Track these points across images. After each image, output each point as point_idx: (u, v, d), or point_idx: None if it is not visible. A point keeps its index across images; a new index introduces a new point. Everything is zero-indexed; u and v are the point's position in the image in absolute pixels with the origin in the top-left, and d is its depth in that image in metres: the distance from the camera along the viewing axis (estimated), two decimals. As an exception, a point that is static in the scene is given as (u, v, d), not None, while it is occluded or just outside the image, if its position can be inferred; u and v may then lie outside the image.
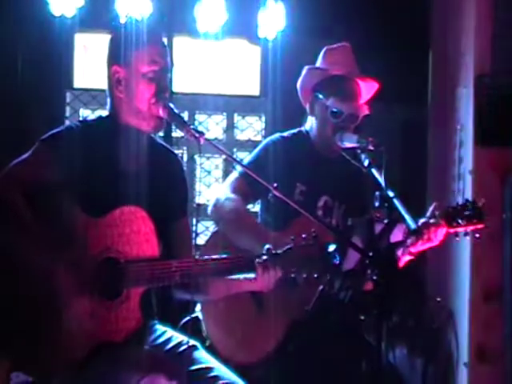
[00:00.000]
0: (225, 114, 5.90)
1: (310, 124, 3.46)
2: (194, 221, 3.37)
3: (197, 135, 2.69)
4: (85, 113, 5.54)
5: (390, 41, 5.26)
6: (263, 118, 5.87)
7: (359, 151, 3.08)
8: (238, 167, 3.38)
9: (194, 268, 2.65)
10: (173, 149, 3.11)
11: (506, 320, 4.21)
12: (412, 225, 2.84)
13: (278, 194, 2.70)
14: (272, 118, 5.68)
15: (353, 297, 3.14)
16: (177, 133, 5.18)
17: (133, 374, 2.54)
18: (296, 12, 5.21)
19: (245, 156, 5.22)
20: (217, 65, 5.70)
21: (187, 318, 3.14)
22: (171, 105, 2.80)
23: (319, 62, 3.47)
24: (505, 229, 4.24)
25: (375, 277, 2.50)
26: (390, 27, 5.25)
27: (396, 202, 2.78)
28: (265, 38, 5.31)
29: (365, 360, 3.09)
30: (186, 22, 5.23)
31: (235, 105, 5.88)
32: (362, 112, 3.36)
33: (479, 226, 3.21)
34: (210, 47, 5.59)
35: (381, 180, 2.82)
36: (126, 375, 2.55)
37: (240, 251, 2.98)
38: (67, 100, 5.61)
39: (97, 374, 2.58)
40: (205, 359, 2.74)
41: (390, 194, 2.75)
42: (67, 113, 5.59)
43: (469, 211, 3.21)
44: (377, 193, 2.69)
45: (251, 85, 5.80)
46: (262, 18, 5.25)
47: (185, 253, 2.80)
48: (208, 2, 5.17)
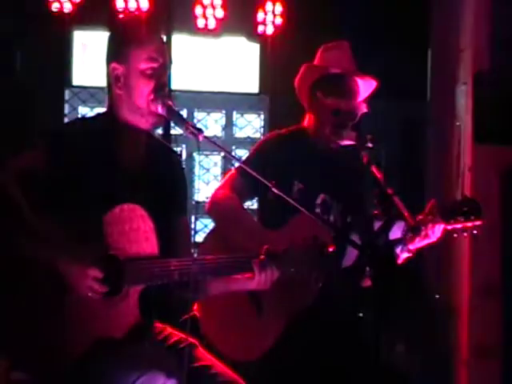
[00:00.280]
0: (224, 112, 5.91)
1: (308, 121, 3.46)
2: (193, 218, 3.38)
3: (196, 132, 2.69)
4: (83, 110, 5.55)
5: (389, 38, 5.27)
6: (262, 116, 5.88)
7: (358, 148, 3.09)
8: (236, 165, 3.38)
9: (193, 267, 2.65)
10: (172, 146, 3.11)
11: (505, 316, 4.21)
12: (411, 222, 2.85)
13: (277, 192, 2.70)
14: (271, 116, 5.69)
15: (351, 294, 3.14)
16: (176, 130, 5.19)
17: (132, 371, 2.54)
18: (294, 9, 5.22)
19: (244, 154, 5.24)
20: (216, 62, 5.71)
21: (185, 317, 3.14)
22: (170, 102, 2.80)
23: (317, 60, 3.47)
24: (503, 225, 4.25)
25: (374, 274, 2.51)
26: (390, 24, 5.26)
27: (395, 199, 2.79)
28: (264, 36, 5.31)
29: (363, 357, 3.09)
30: (185, 20, 5.23)
31: (234, 102, 5.89)
32: (361, 110, 3.36)
33: (477, 223, 3.21)
34: (209, 44, 5.59)
35: (379, 177, 2.83)
36: (125, 372, 2.55)
37: (238, 250, 2.98)
38: (66, 97, 5.61)
39: (96, 371, 2.58)
40: (204, 357, 2.74)
41: (389, 192, 2.76)
42: (66, 110, 5.60)
43: (466, 208, 3.20)
44: (375, 190, 2.70)
45: (250, 82, 5.80)
46: (261, 16, 5.26)
47: (184, 250, 2.80)
48: (207, 0, 5.18)
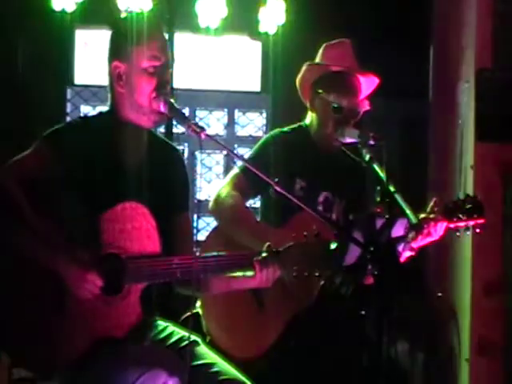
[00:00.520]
0: (226, 110, 5.90)
1: (310, 119, 3.46)
2: (195, 217, 3.38)
3: (198, 131, 2.69)
4: (85, 109, 5.55)
5: (391, 36, 5.27)
6: (264, 114, 5.87)
7: (360, 146, 3.08)
8: (239, 163, 3.38)
9: (195, 265, 2.65)
10: (174, 144, 3.11)
11: (508, 314, 4.21)
12: (413, 219, 2.85)
13: (280, 190, 2.70)
14: (273, 114, 5.69)
15: (354, 292, 3.14)
16: (178, 129, 5.19)
17: (134, 370, 2.54)
18: (296, 7, 5.22)
19: (246, 152, 5.23)
20: (218, 60, 5.70)
21: (187, 314, 3.15)
22: (172, 100, 2.80)
23: (319, 58, 3.47)
24: (505, 223, 4.24)
25: (376, 272, 2.50)
26: (391, 22, 5.25)
27: (397, 197, 2.79)
28: (266, 34, 5.31)
29: (366, 355, 3.09)
30: (187, 18, 5.23)
31: (236, 101, 5.88)
32: (363, 107, 3.36)
33: (480, 221, 3.21)
34: (211, 43, 5.59)
35: (382, 175, 2.83)
36: (127, 371, 2.54)
37: (240, 248, 2.98)
38: (68, 96, 5.61)
39: (98, 370, 2.58)
40: (206, 355, 2.74)
41: (391, 189, 2.75)
42: (68, 109, 5.60)
43: (469, 206, 3.20)
44: (378, 188, 2.69)
45: (252, 80, 5.80)
46: (263, 14, 5.25)
47: (185, 248, 2.80)
48: (209, -2, 5.18)
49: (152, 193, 2.75)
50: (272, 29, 5.26)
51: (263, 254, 2.71)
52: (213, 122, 5.85)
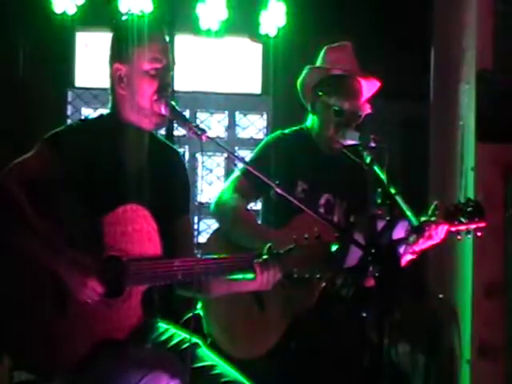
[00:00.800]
0: (226, 112, 5.90)
1: (311, 122, 3.47)
2: (196, 219, 3.38)
3: (199, 133, 2.69)
4: (86, 112, 5.55)
5: (392, 37, 5.27)
6: (265, 116, 5.87)
7: (361, 148, 3.08)
8: (240, 166, 3.38)
9: (196, 267, 2.65)
10: (175, 146, 3.11)
11: (509, 315, 4.21)
12: (414, 221, 2.85)
13: (281, 192, 2.70)
14: (274, 116, 5.69)
15: (355, 294, 3.14)
16: (178, 131, 5.19)
17: (135, 372, 2.53)
18: (297, 10, 5.22)
19: (246, 154, 5.23)
20: (218, 63, 5.71)
21: (189, 315, 3.15)
22: (173, 102, 2.80)
23: (320, 61, 3.47)
24: (507, 225, 4.24)
25: (377, 273, 2.51)
26: (392, 24, 5.26)
27: (398, 199, 2.79)
28: (266, 36, 5.32)
29: (367, 357, 3.09)
30: (188, 20, 5.23)
31: (237, 103, 5.88)
32: (364, 110, 3.37)
33: (481, 225, 3.20)
34: (212, 45, 5.59)
35: (383, 177, 2.83)
36: (129, 373, 2.54)
37: (240, 250, 2.98)
38: (69, 99, 5.61)
39: (99, 372, 2.58)
40: (207, 357, 2.74)
41: (392, 191, 2.76)
42: (69, 111, 5.60)
43: (470, 209, 3.20)
44: (379, 190, 2.69)
45: (253, 83, 5.80)
46: (264, 16, 5.26)
47: (186, 251, 2.80)
48: (210, 0, 5.18)
49: (153, 195, 2.75)
50: (272, 31, 5.27)
51: (264, 257, 2.70)
52: (214, 124, 5.85)
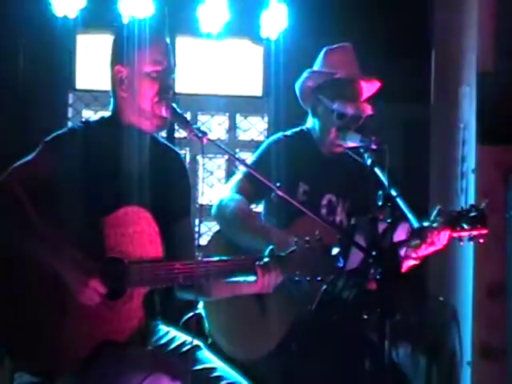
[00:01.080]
0: (227, 115, 5.90)
1: (312, 124, 3.46)
2: (197, 221, 3.37)
3: (200, 135, 2.70)
4: (87, 114, 5.54)
5: (392, 40, 5.27)
6: (266, 119, 5.87)
7: (362, 150, 3.09)
8: (241, 168, 3.38)
9: (197, 269, 2.65)
10: (176, 148, 3.11)
11: (510, 318, 4.21)
12: (415, 224, 2.85)
13: (282, 194, 2.70)
14: (275, 119, 5.68)
15: (356, 296, 3.14)
16: (179, 133, 5.19)
17: (136, 374, 2.53)
18: (298, 12, 5.22)
19: (247, 157, 5.23)
20: (219, 65, 5.71)
21: (190, 315, 3.14)
22: (174, 105, 2.80)
23: (319, 63, 3.47)
24: (508, 226, 4.24)
25: (378, 276, 2.51)
26: (393, 26, 5.26)
27: (399, 201, 2.79)
28: (267, 39, 5.31)
29: (368, 359, 3.09)
30: (189, 23, 5.23)
31: (238, 105, 5.88)
32: (366, 112, 3.36)
33: (483, 231, 3.20)
34: (213, 47, 5.59)
35: (384, 179, 2.83)
36: (129, 375, 2.54)
37: (242, 251, 2.98)
38: (69, 101, 5.61)
39: (100, 374, 2.58)
40: (208, 359, 2.74)
41: (393, 193, 2.76)
42: (69, 114, 5.60)
43: (473, 216, 3.19)
44: (380, 192, 2.69)
45: (254, 85, 5.80)
46: (265, 19, 5.26)
47: (187, 253, 2.80)
48: (211, 3, 5.18)
49: (154, 197, 2.75)
50: (274, 34, 5.26)
51: (265, 259, 2.70)
52: (214, 127, 5.85)
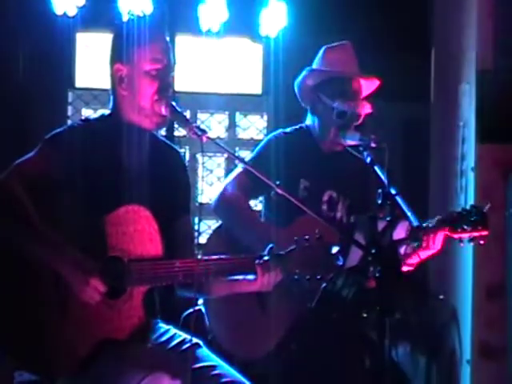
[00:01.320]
0: (227, 113, 5.90)
1: (312, 122, 3.46)
2: (197, 220, 3.37)
3: (199, 133, 2.70)
4: (87, 112, 5.54)
5: (392, 38, 5.27)
6: (265, 117, 5.87)
7: (362, 149, 3.09)
8: (241, 165, 3.38)
9: (197, 268, 2.65)
10: (175, 146, 3.11)
11: (510, 317, 4.20)
12: (414, 222, 2.85)
13: (281, 192, 2.70)
14: (274, 117, 5.68)
15: (355, 294, 3.14)
16: (179, 131, 5.19)
17: (136, 372, 2.53)
18: (298, 10, 5.22)
19: (247, 155, 5.23)
20: (219, 63, 5.70)
21: (190, 311, 3.14)
22: (174, 103, 2.80)
23: (318, 61, 3.47)
24: (508, 225, 4.23)
25: (378, 274, 2.50)
26: (392, 24, 5.26)
27: (398, 200, 2.79)
28: (267, 37, 5.31)
29: (368, 357, 3.09)
30: (189, 21, 5.23)
31: (237, 103, 5.88)
32: (365, 110, 3.37)
33: (484, 233, 3.19)
34: (212, 45, 5.59)
35: (383, 177, 2.83)
36: (129, 373, 2.54)
37: (241, 249, 2.98)
38: (69, 99, 5.61)
39: (100, 372, 2.58)
40: (208, 357, 2.73)
41: (393, 192, 2.75)
42: (69, 112, 5.60)
43: (474, 217, 3.18)
44: (379, 190, 2.69)
45: (253, 83, 5.79)
46: (264, 17, 5.26)
47: (186, 251, 2.80)
48: (210, 1, 5.18)
49: (154, 195, 2.75)
50: (273, 32, 5.26)
51: (265, 258, 2.70)
52: (214, 125, 5.85)
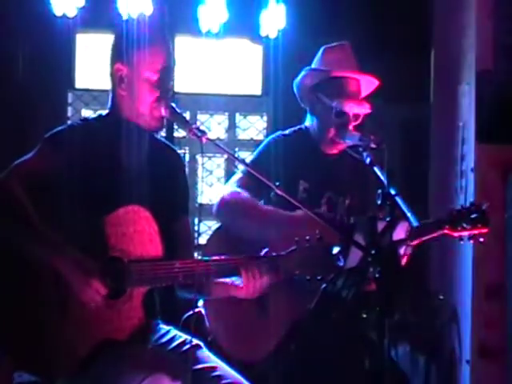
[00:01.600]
0: (226, 114, 5.90)
1: (311, 123, 3.47)
2: (197, 220, 3.38)
3: (199, 135, 2.70)
4: (86, 113, 5.55)
5: (392, 39, 5.27)
6: (265, 118, 5.87)
7: (361, 149, 3.09)
8: (241, 167, 3.38)
9: (197, 268, 2.65)
10: (175, 147, 3.11)
11: (510, 317, 4.21)
12: (414, 222, 2.85)
13: (281, 193, 2.70)
14: (274, 117, 5.69)
15: (355, 295, 3.14)
16: (179, 132, 5.19)
17: (136, 373, 2.54)
18: (297, 11, 5.22)
19: (247, 156, 5.24)
20: (219, 64, 5.71)
21: (190, 313, 3.14)
22: (173, 104, 2.80)
23: (318, 62, 3.47)
24: (507, 226, 4.24)
25: (377, 274, 2.50)
26: (392, 25, 5.26)
27: (398, 200, 2.79)
28: (266, 37, 5.31)
29: (367, 358, 3.09)
30: (188, 22, 5.23)
31: (237, 104, 5.88)
32: (364, 111, 3.37)
33: (484, 231, 3.19)
34: (212, 46, 5.59)
35: (383, 178, 2.83)
36: (130, 374, 2.55)
37: (242, 248, 2.97)
38: (69, 100, 5.62)
39: (100, 373, 2.58)
40: (208, 358, 2.73)
41: (392, 192, 2.75)
42: (69, 113, 5.60)
43: (474, 215, 3.18)
44: (379, 191, 2.70)
45: (253, 84, 5.80)
46: (264, 18, 5.26)
47: (185, 252, 2.80)
48: (210, 2, 5.18)
49: (154, 195, 2.75)
50: (273, 32, 5.26)
51: (263, 259, 2.70)
52: (214, 126, 5.85)
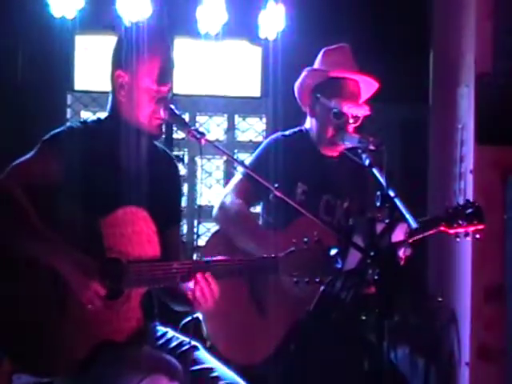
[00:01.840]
0: (226, 115, 5.91)
1: (310, 124, 3.46)
2: (196, 222, 3.38)
3: (198, 136, 2.70)
4: (85, 115, 5.54)
5: (391, 40, 5.27)
6: (264, 119, 5.87)
7: (360, 151, 3.09)
8: (240, 169, 3.38)
9: (195, 269, 2.65)
10: (174, 150, 3.11)
11: (509, 319, 4.20)
12: (413, 224, 2.85)
13: (280, 195, 2.70)
14: (273, 119, 5.69)
15: (354, 297, 3.14)
16: (178, 134, 5.19)
17: (134, 375, 2.53)
18: (296, 13, 5.22)
19: (246, 157, 5.24)
20: (218, 66, 5.71)
21: (188, 319, 3.15)
22: (172, 106, 2.80)
23: (318, 63, 3.47)
24: (506, 227, 4.24)
25: (376, 276, 2.50)
26: (391, 26, 5.26)
27: (397, 202, 2.79)
28: (265, 39, 5.31)
29: (366, 360, 3.09)
30: (187, 23, 5.23)
31: (236, 106, 5.88)
32: (364, 112, 3.37)
33: (480, 227, 3.20)
34: (211, 48, 5.59)
35: (382, 179, 2.83)
36: (128, 375, 2.54)
37: (241, 251, 2.98)
38: (68, 102, 5.62)
39: (98, 374, 2.58)
40: (206, 360, 2.74)
41: (391, 194, 2.75)
42: (68, 115, 5.60)
43: (469, 212, 3.19)
44: (378, 192, 2.70)
45: (252, 86, 5.80)
46: (263, 19, 5.26)
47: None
48: (209, 3, 5.18)
49: (152, 196, 2.75)
50: (272, 34, 5.26)
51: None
52: (213, 128, 5.85)
